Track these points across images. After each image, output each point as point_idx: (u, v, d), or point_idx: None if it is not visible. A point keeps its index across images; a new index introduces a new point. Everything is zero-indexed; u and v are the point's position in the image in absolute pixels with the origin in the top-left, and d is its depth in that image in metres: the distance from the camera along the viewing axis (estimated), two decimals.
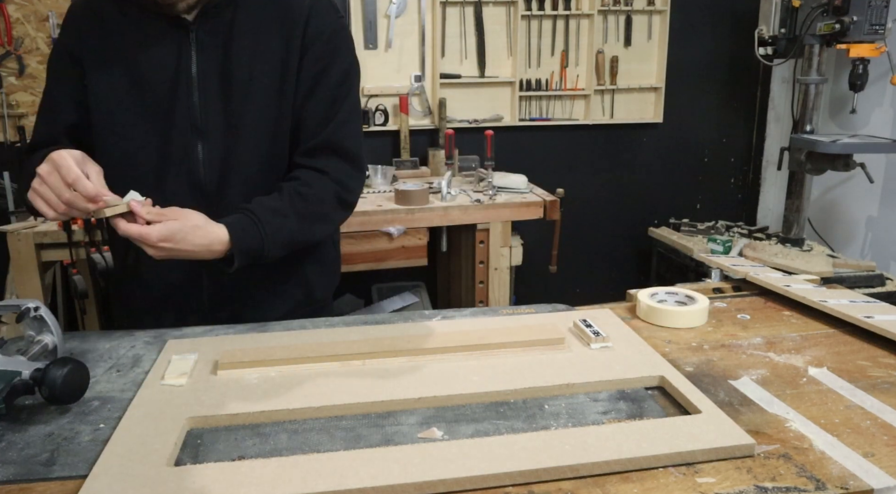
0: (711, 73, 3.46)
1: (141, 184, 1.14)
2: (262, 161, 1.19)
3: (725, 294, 1.31)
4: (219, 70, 1.16)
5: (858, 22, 2.59)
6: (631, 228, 3.54)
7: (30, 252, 2.28)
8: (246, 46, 1.16)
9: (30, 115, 2.83)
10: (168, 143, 1.17)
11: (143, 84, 1.16)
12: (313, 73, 1.19)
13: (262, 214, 1.12)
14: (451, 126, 3.13)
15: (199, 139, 1.17)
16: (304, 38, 1.18)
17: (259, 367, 0.96)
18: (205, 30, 1.15)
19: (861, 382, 0.92)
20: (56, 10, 2.77)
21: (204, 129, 1.16)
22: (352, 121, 1.24)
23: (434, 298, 3.30)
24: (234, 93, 1.16)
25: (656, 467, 0.73)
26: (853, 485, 0.69)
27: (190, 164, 1.17)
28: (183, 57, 1.15)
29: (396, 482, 0.69)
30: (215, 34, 1.16)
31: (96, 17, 1.17)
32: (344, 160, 1.22)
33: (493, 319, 1.15)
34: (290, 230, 1.15)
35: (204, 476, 0.70)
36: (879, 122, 3.01)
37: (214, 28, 1.16)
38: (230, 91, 1.16)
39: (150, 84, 1.16)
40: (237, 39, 1.16)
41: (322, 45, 1.19)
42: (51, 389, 0.82)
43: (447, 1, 3.07)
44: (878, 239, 3.09)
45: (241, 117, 1.17)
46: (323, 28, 1.19)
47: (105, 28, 1.17)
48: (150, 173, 1.18)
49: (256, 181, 1.19)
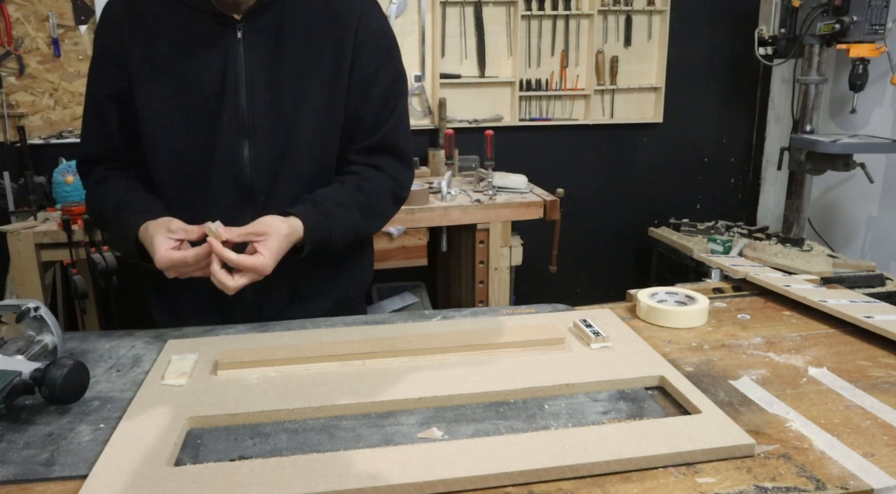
0: (711, 73, 3.46)
1: (188, 183, 1.17)
2: (311, 160, 1.19)
3: (725, 294, 1.31)
4: (267, 69, 1.14)
5: (858, 22, 2.59)
6: (631, 228, 3.55)
7: (30, 252, 2.28)
8: (295, 45, 1.14)
9: (30, 115, 2.84)
10: (214, 143, 1.15)
11: (189, 83, 1.14)
12: (367, 73, 1.19)
13: (330, 207, 1.14)
14: (451, 126, 3.13)
15: (246, 139, 1.15)
16: (356, 37, 1.17)
17: (259, 367, 0.96)
18: (252, 28, 1.13)
19: (861, 382, 0.92)
20: (56, 10, 2.77)
21: (251, 129, 1.15)
22: (404, 122, 1.27)
23: (434, 298, 3.30)
24: (283, 93, 1.15)
25: (656, 467, 0.73)
26: (853, 485, 0.69)
27: (235, 164, 1.16)
28: (230, 56, 1.13)
29: (396, 482, 0.69)
30: (263, 32, 1.13)
31: (137, 14, 1.15)
32: (398, 159, 1.26)
33: (493, 319, 1.15)
34: (353, 223, 1.18)
35: (204, 476, 0.70)
36: (879, 122, 3.01)
37: (262, 26, 1.13)
38: (280, 91, 1.15)
39: (196, 83, 1.14)
40: (286, 38, 1.14)
41: (375, 45, 1.19)
42: (51, 389, 0.82)
43: (447, 1, 3.07)
44: (878, 239, 3.09)
45: (292, 117, 1.15)
46: (376, 29, 1.19)
47: (147, 25, 1.14)
48: (197, 173, 1.17)
49: (304, 180, 1.19)
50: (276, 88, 1.15)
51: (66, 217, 2.30)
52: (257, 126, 1.15)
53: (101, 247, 2.31)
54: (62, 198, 2.54)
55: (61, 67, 2.83)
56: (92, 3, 2.80)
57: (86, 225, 2.29)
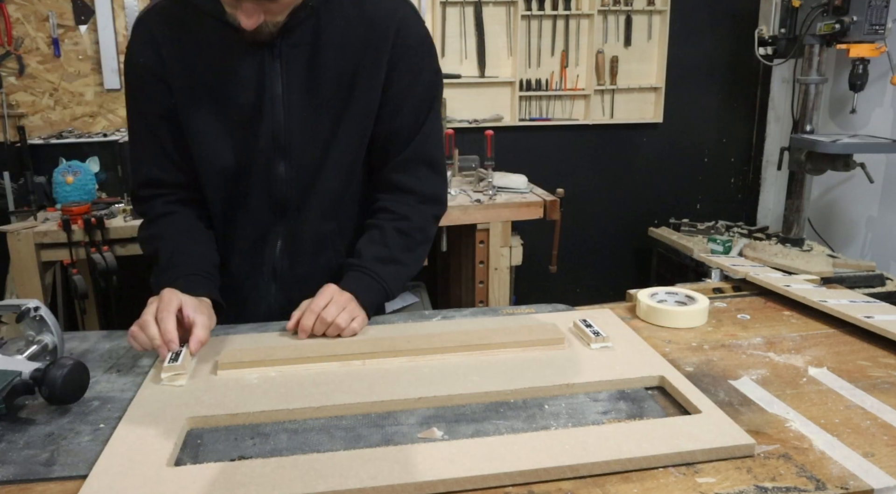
0: (711, 73, 3.46)
1: (228, 199, 1.19)
2: (342, 174, 1.18)
3: (725, 294, 1.31)
4: (304, 86, 1.12)
5: (858, 22, 2.59)
6: (631, 228, 3.54)
7: (30, 252, 2.28)
8: (332, 60, 1.12)
9: (30, 115, 2.84)
10: (251, 161, 1.15)
11: (227, 100, 1.12)
12: (404, 85, 1.16)
13: (378, 269, 1.17)
14: (451, 126, 3.13)
15: (282, 157, 1.15)
16: (392, 50, 1.13)
17: (259, 367, 0.96)
18: (288, 43, 1.10)
19: (861, 382, 0.92)
20: (56, 10, 2.77)
21: (287, 147, 1.14)
22: (438, 130, 1.25)
23: (434, 298, 3.30)
24: (321, 110, 1.13)
25: (656, 467, 0.73)
26: (853, 485, 0.69)
27: (271, 182, 1.16)
28: (267, 73, 1.11)
29: (396, 482, 0.69)
30: (299, 48, 1.10)
31: (172, 31, 1.11)
32: (432, 170, 1.24)
33: (493, 319, 1.15)
34: (405, 272, 1.22)
35: (204, 476, 0.70)
36: (879, 122, 3.01)
37: (299, 41, 1.10)
38: (317, 107, 1.13)
39: (233, 100, 1.12)
40: (322, 53, 1.11)
41: (411, 56, 1.15)
42: (51, 389, 0.82)
43: (447, 1, 3.07)
44: (878, 239, 3.09)
45: (328, 135, 1.14)
46: (412, 40, 1.15)
47: (183, 42, 1.11)
48: (235, 189, 1.17)
49: (336, 196, 1.19)
50: (313, 105, 1.13)
51: (66, 217, 2.30)
52: (293, 144, 1.14)
53: (101, 247, 2.31)
54: (62, 198, 2.54)
55: (61, 67, 2.83)
56: (92, 3, 2.80)
57: (86, 224, 2.29)
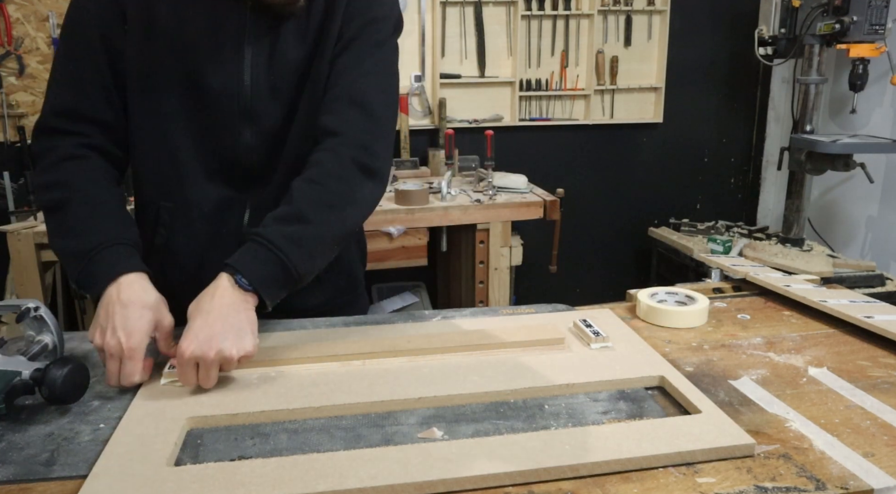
0: (711, 73, 3.46)
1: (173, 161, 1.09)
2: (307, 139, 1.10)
3: (725, 294, 1.31)
4: (269, 51, 1.07)
5: (858, 22, 2.59)
6: (631, 228, 3.55)
7: (30, 252, 2.28)
8: (297, 26, 1.08)
9: (30, 115, 2.84)
10: (211, 126, 1.08)
11: (188, 53, 1.05)
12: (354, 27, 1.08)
13: (273, 235, 0.94)
14: (451, 126, 3.13)
15: (248, 124, 1.09)
16: (347, 5, 1.08)
17: (259, 367, 0.96)
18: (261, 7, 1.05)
19: (861, 382, 0.92)
20: (56, 10, 2.77)
21: (253, 114, 1.09)
22: (379, 74, 1.09)
23: (434, 298, 3.30)
24: (285, 76, 1.08)
25: (656, 467, 0.73)
26: (853, 485, 0.69)
27: (236, 149, 1.10)
28: (236, 31, 1.05)
29: (396, 482, 0.69)
30: (267, 14, 1.06)
31: None
32: (364, 115, 1.05)
33: (493, 319, 1.15)
34: (313, 232, 0.97)
35: (204, 476, 0.70)
36: (879, 122, 3.01)
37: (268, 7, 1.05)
38: (282, 73, 1.08)
39: (195, 55, 1.05)
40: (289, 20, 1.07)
41: (362, 6, 1.09)
42: (51, 389, 0.82)
43: (447, 1, 3.07)
44: (878, 239, 3.09)
45: (295, 100, 1.10)
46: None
47: None
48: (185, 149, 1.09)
49: (301, 161, 1.08)
50: (278, 72, 1.09)
51: None
52: (260, 111, 1.09)
53: None
54: None
55: None
56: None
57: None
